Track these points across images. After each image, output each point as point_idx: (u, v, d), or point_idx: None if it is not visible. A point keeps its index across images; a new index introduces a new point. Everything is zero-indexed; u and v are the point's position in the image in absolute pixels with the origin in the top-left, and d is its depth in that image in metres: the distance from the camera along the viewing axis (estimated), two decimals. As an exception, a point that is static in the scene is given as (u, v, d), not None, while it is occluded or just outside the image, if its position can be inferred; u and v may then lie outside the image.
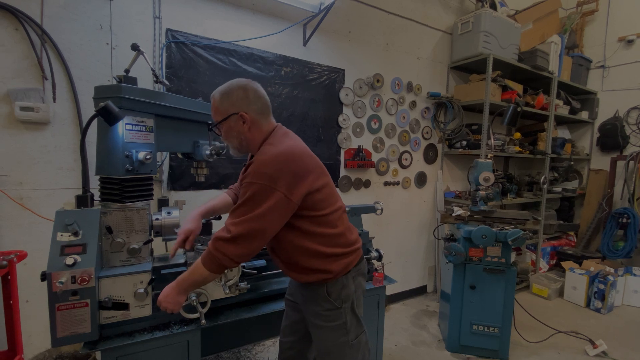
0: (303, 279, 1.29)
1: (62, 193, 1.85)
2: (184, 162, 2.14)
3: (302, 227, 1.21)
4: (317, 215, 1.22)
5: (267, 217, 1.09)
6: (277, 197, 1.09)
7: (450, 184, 3.73)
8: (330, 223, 1.25)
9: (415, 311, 3.25)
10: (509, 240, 2.28)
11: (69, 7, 1.81)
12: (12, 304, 1.56)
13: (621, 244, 3.70)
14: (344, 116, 2.84)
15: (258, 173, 1.09)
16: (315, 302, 1.30)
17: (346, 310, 1.29)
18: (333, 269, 1.26)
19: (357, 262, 1.35)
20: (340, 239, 1.29)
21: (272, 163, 1.10)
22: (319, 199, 1.21)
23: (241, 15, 2.32)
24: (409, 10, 3.16)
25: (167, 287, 1.22)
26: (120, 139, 1.29)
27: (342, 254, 1.28)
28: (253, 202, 1.09)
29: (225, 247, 1.10)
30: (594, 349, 2.56)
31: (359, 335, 1.34)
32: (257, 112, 1.23)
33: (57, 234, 1.21)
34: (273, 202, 1.09)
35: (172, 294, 1.21)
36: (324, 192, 1.23)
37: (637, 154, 3.79)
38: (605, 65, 4.28)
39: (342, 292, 1.28)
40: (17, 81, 1.72)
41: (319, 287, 1.28)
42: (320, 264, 1.24)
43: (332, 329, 1.29)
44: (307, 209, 1.19)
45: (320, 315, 1.29)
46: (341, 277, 1.28)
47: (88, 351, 1.23)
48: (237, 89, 1.21)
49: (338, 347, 1.29)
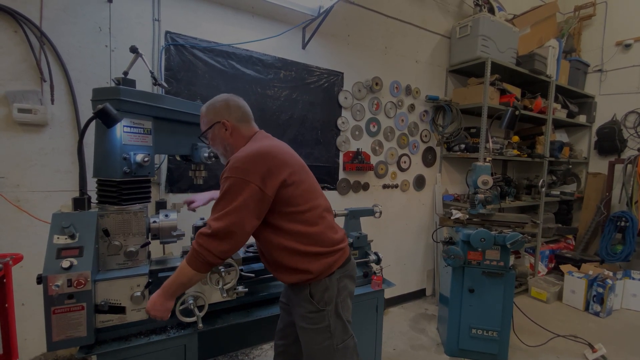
0: (287, 279, 1.30)
1: (59, 195, 1.84)
2: (182, 164, 2.13)
3: (279, 224, 1.23)
4: (293, 211, 1.23)
5: (243, 210, 1.13)
6: (251, 189, 1.13)
7: (449, 187, 3.73)
8: (309, 221, 1.27)
9: (414, 315, 3.24)
10: (508, 244, 2.28)
11: (68, 9, 1.82)
12: (7, 307, 1.55)
13: (619, 247, 3.71)
14: (342, 119, 2.84)
15: (233, 167, 1.16)
16: (299, 304, 1.30)
17: (329, 313, 1.28)
18: (313, 268, 1.25)
19: (342, 264, 1.33)
20: (321, 237, 1.28)
21: (246, 158, 1.17)
22: (295, 194, 1.23)
23: (240, 18, 2.33)
24: (407, 14, 3.17)
25: (153, 295, 1.22)
26: (118, 142, 1.29)
27: (323, 253, 1.27)
28: (230, 196, 1.13)
29: (208, 242, 1.13)
30: (593, 353, 2.55)
31: (345, 340, 1.31)
32: (238, 120, 1.33)
33: (53, 236, 1.21)
34: (247, 194, 1.13)
35: (159, 301, 1.21)
36: (301, 188, 1.26)
37: (635, 158, 3.80)
38: (603, 69, 4.31)
39: (325, 294, 1.27)
40: (15, 83, 1.71)
41: (303, 288, 1.28)
42: (299, 262, 1.24)
43: (316, 332, 1.28)
44: (283, 204, 1.22)
45: (305, 318, 1.29)
46: (324, 278, 1.27)
47: (84, 355, 1.22)
48: (220, 101, 1.35)
49: (323, 351, 1.28)
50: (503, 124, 2.75)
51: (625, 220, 3.67)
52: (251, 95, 2.38)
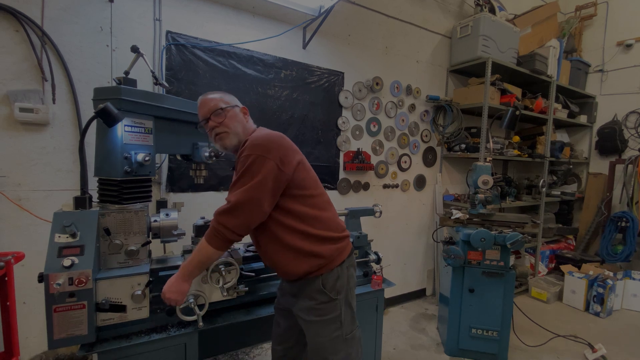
0: (297, 269, 1.28)
1: (60, 194, 1.85)
2: (183, 164, 2.14)
3: (291, 207, 1.25)
4: (305, 194, 1.28)
5: (263, 187, 1.16)
6: (271, 166, 1.17)
7: (449, 187, 3.73)
8: (319, 205, 1.32)
9: (414, 314, 3.24)
10: (508, 244, 2.28)
11: (70, 9, 1.82)
12: (8, 306, 1.56)
13: (620, 247, 3.70)
14: (343, 119, 2.84)
15: (253, 145, 1.19)
16: (309, 297, 1.30)
17: (341, 302, 1.30)
18: (325, 252, 1.28)
19: (349, 252, 1.39)
20: (331, 222, 1.34)
21: (265, 137, 1.22)
22: (307, 177, 1.30)
23: (241, 18, 2.33)
24: (408, 14, 3.17)
25: (170, 278, 1.24)
26: (119, 141, 1.29)
27: (334, 238, 1.32)
28: (250, 172, 1.16)
29: (227, 219, 1.15)
30: (593, 353, 2.55)
31: (353, 331, 1.34)
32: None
33: (55, 235, 1.21)
34: (267, 171, 1.16)
35: (176, 282, 1.23)
36: (310, 175, 1.33)
37: (636, 158, 3.79)
38: (604, 70, 4.30)
39: (337, 283, 1.30)
40: (17, 82, 1.72)
41: (315, 279, 1.29)
42: (312, 246, 1.26)
43: (326, 323, 1.29)
44: (295, 187, 1.25)
45: (314, 310, 1.29)
46: (336, 267, 1.30)
47: (85, 353, 1.22)
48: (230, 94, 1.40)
49: (332, 342, 1.29)
50: (504, 124, 2.75)
51: (626, 221, 3.67)
52: (252, 95, 2.38)
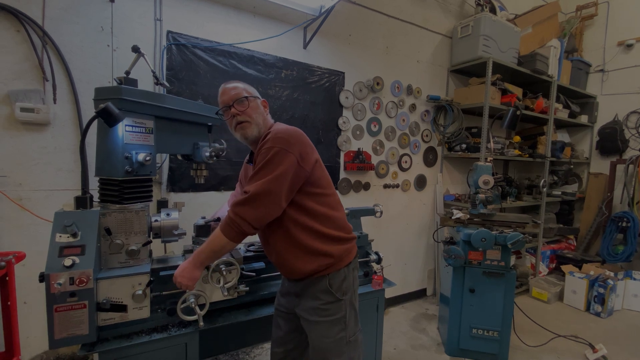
0: (305, 267, 1.27)
1: (61, 194, 1.85)
2: (184, 163, 2.14)
3: (305, 204, 1.26)
4: (320, 193, 1.29)
5: (282, 180, 1.17)
6: (292, 160, 1.18)
7: (450, 187, 3.73)
8: (331, 204, 1.33)
9: (415, 314, 3.24)
10: (509, 244, 2.27)
11: (71, 9, 1.82)
12: (9, 305, 1.56)
13: (621, 247, 3.70)
14: (343, 119, 2.84)
15: (276, 138, 1.20)
16: (314, 297, 1.30)
17: (346, 303, 1.31)
18: (334, 252, 1.29)
19: (355, 254, 1.40)
20: (342, 222, 1.35)
21: (288, 132, 1.23)
22: (323, 176, 1.31)
23: (242, 18, 2.33)
24: (408, 14, 3.17)
25: (183, 263, 1.26)
26: (120, 141, 1.29)
27: (343, 239, 1.33)
28: (272, 164, 1.17)
29: (244, 210, 1.16)
30: (594, 353, 2.55)
31: (356, 333, 1.35)
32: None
33: (55, 235, 1.21)
34: (288, 164, 1.17)
35: (188, 267, 1.24)
36: (325, 174, 1.34)
37: (637, 158, 3.79)
38: (605, 69, 4.30)
39: (344, 284, 1.31)
40: (18, 82, 1.72)
41: (321, 279, 1.29)
42: (322, 245, 1.27)
43: (331, 324, 1.29)
44: (311, 184, 1.26)
45: (319, 310, 1.29)
46: (343, 268, 1.31)
47: (86, 353, 1.23)
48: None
49: (336, 344, 1.29)
50: (504, 124, 2.75)
51: (627, 221, 3.67)
52: (252, 94, 2.38)
